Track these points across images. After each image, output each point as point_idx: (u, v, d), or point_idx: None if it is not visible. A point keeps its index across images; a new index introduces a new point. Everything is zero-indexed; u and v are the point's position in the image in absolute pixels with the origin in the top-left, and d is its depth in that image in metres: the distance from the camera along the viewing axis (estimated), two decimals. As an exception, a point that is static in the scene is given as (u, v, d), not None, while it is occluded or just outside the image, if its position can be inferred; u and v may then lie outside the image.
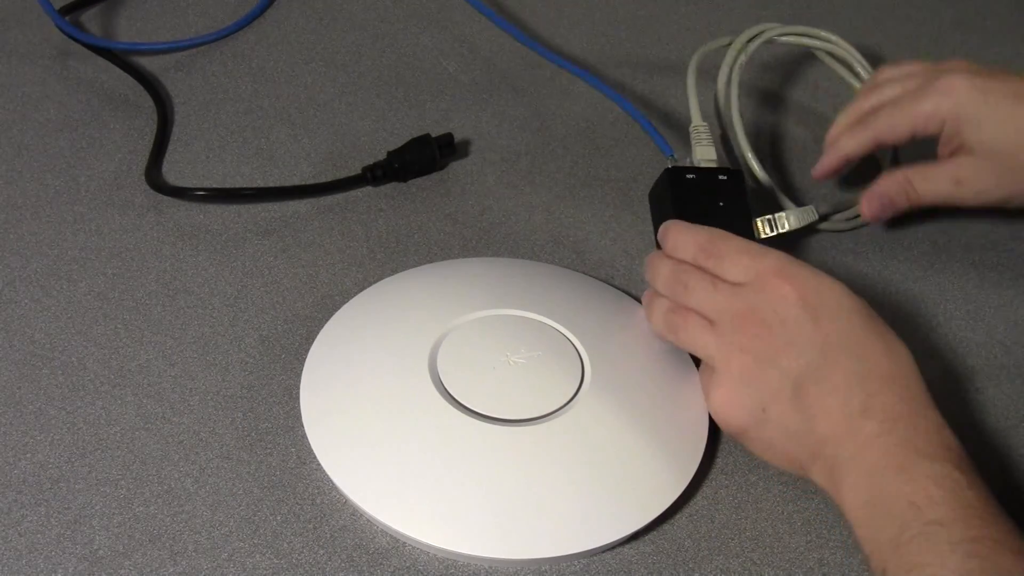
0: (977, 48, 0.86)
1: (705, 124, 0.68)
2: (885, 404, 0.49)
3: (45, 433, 0.55)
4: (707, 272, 0.55)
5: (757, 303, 0.52)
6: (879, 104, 0.67)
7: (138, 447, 0.54)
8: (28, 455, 0.54)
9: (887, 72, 0.69)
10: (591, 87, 0.76)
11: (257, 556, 0.51)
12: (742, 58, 0.72)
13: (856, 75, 0.77)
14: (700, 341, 0.54)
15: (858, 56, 0.76)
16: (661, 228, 0.59)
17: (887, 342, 0.51)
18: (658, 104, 0.78)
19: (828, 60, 0.78)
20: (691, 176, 0.64)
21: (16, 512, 0.51)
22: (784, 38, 0.76)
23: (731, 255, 0.54)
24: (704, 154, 0.66)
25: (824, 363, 0.50)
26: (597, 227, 0.68)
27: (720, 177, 0.64)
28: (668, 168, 0.64)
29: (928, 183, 0.65)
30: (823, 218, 0.68)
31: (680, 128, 0.75)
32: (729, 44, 0.73)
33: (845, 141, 0.67)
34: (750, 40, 0.74)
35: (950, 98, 0.63)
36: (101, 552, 0.50)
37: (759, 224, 0.65)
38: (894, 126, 0.65)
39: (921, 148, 0.67)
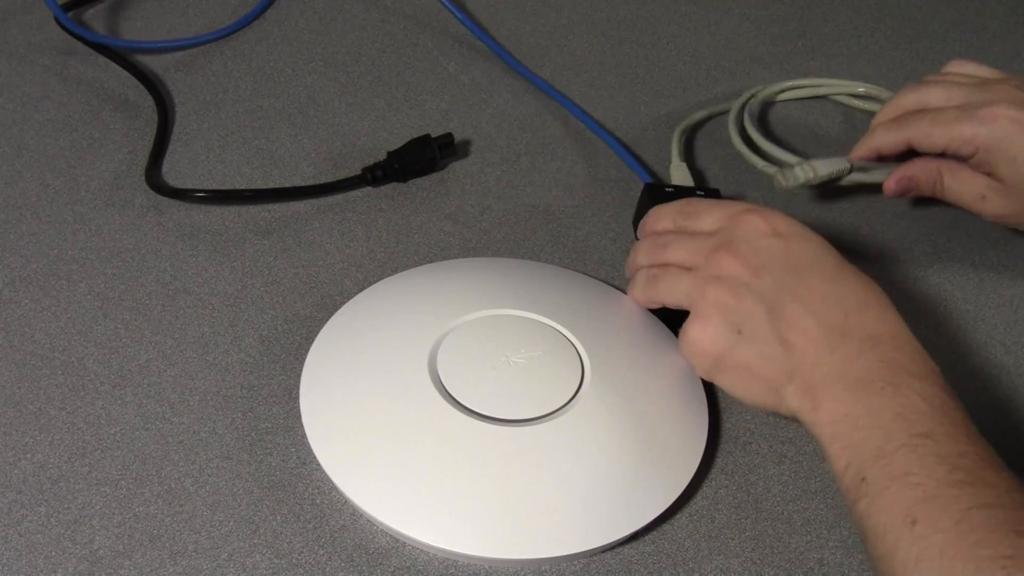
0: (977, 48, 0.86)
1: (683, 164, 0.70)
2: (864, 325, 0.50)
3: (45, 433, 0.55)
4: (685, 231, 0.57)
5: (730, 238, 0.54)
6: (921, 107, 0.67)
7: (138, 447, 0.55)
8: (28, 455, 0.54)
9: (942, 75, 0.70)
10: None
11: (257, 556, 0.51)
12: (746, 114, 0.74)
13: (874, 99, 0.78)
14: (678, 287, 0.55)
15: (861, 85, 0.77)
16: (643, 218, 0.61)
17: (858, 274, 0.53)
18: (651, 114, 0.78)
19: (843, 99, 0.79)
20: (669, 190, 0.66)
21: (16, 512, 0.51)
22: (784, 95, 0.78)
23: (705, 210, 0.57)
24: (683, 182, 0.69)
25: (799, 284, 0.51)
26: (597, 227, 0.69)
27: (698, 193, 0.66)
28: (646, 184, 0.67)
29: (956, 185, 0.66)
30: (854, 170, 0.69)
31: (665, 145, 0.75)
32: (725, 112, 0.76)
33: (881, 135, 0.67)
34: (744, 105, 0.75)
35: (989, 128, 0.63)
36: (101, 552, 0.50)
37: (788, 174, 0.66)
38: (929, 136, 0.66)
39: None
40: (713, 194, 0.66)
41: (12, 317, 0.60)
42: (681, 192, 0.66)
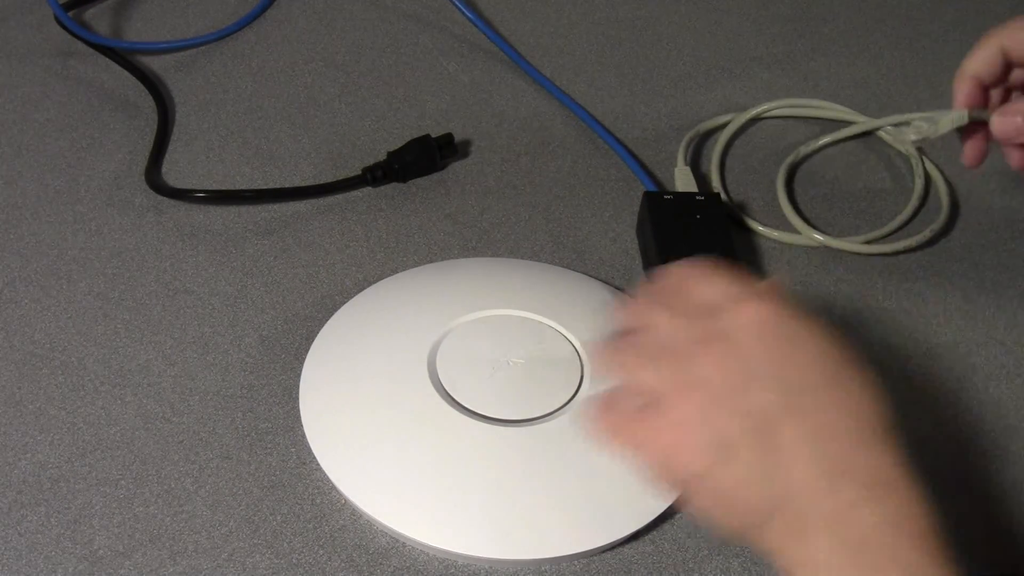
0: (977, 48, 0.86)
1: (688, 168, 0.70)
2: (870, 464, 0.42)
3: (45, 433, 0.55)
4: (677, 297, 0.47)
5: (726, 329, 0.44)
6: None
7: (138, 447, 0.55)
8: (28, 455, 0.54)
9: None
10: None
11: (257, 556, 0.51)
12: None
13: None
14: (648, 373, 0.45)
15: (850, 111, 0.76)
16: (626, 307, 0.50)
17: (867, 388, 0.45)
18: (651, 114, 0.78)
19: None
20: (668, 197, 0.66)
21: (16, 512, 0.51)
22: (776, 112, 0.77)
23: (706, 282, 0.47)
24: (686, 187, 0.69)
25: (799, 402, 0.43)
26: (597, 227, 0.68)
27: (698, 198, 0.66)
28: (646, 192, 0.67)
29: None
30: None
31: (667, 149, 0.75)
32: (725, 124, 0.76)
33: (969, 61, 0.60)
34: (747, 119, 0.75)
35: None
36: (101, 552, 0.50)
37: (907, 130, 0.63)
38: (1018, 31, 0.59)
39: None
40: (713, 198, 0.66)
41: (12, 317, 0.60)
42: (680, 199, 0.66)
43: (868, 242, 0.68)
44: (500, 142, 0.74)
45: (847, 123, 0.76)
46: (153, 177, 0.68)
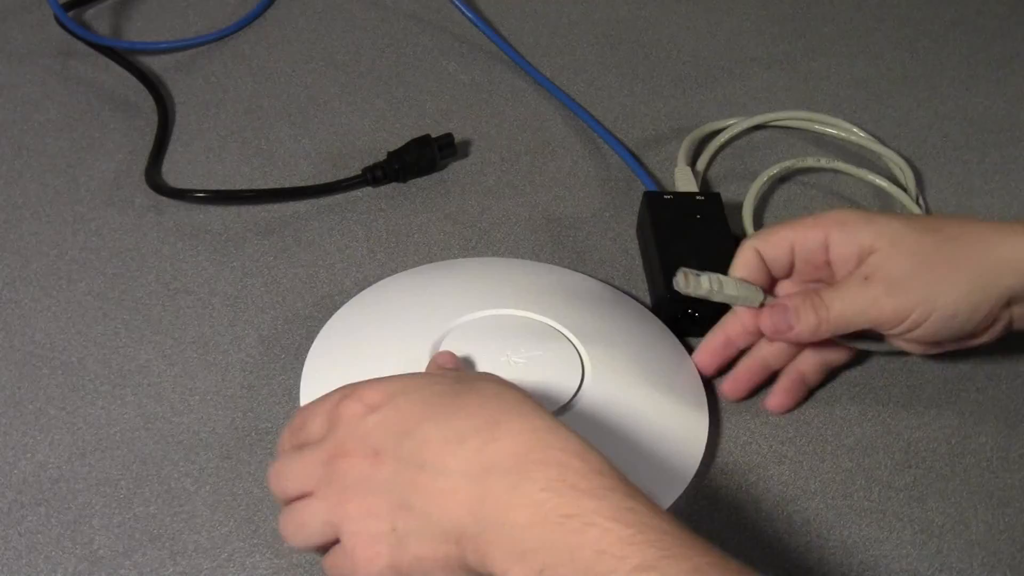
0: (977, 48, 0.86)
1: (688, 168, 0.70)
2: (502, 448, 0.43)
3: (45, 433, 0.55)
4: (298, 449, 0.49)
5: (337, 438, 0.47)
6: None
7: (138, 447, 0.55)
8: (28, 455, 0.54)
9: None
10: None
11: (257, 556, 0.51)
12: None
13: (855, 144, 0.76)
14: (314, 520, 0.46)
15: (855, 131, 0.76)
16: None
17: (474, 387, 0.47)
18: (651, 114, 0.78)
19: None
20: (668, 197, 0.66)
21: (16, 512, 0.51)
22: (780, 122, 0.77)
23: (310, 417, 0.49)
24: (686, 187, 0.69)
25: (416, 445, 0.45)
26: (597, 227, 0.69)
27: (698, 198, 0.66)
28: (646, 192, 0.67)
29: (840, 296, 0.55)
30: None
31: (667, 150, 0.75)
32: (720, 131, 0.75)
33: (732, 269, 0.58)
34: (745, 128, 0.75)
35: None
36: (101, 552, 0.50)
37: (692, 280, 0.56)
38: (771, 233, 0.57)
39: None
40: (714, 198, 0.66)
41: (12, 317, 0.60)
42: (680, 199, 0.66)
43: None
44: (500, 142, 0.74)
45: (845, 142, 0.76)
46: (153, 177, 0.68)
